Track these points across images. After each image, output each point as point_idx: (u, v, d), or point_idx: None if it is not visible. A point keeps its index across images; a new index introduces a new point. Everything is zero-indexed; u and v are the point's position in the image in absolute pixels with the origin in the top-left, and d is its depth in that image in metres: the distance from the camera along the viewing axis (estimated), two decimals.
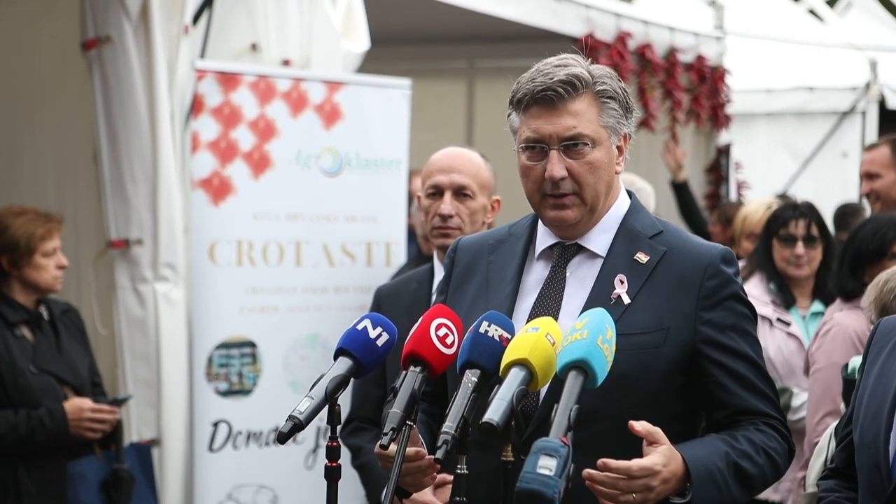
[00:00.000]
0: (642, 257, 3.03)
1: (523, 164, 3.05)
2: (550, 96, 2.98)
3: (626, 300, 2.98)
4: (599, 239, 3.08)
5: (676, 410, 3.01)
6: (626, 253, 3.05)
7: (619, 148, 3.07)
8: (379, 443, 2.62)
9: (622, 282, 3.01)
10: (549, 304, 3.05)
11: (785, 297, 5.76)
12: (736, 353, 3.00)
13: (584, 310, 2.96)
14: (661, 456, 2.75)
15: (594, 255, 3.08)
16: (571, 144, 2.99)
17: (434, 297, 3.30)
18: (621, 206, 3.13)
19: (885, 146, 6.57)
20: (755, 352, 3.04)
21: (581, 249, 3.09)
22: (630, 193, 3.18)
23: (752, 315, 3.06)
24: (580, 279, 3.06)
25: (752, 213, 6.79)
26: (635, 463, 2.69)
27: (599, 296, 3.00)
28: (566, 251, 3.10)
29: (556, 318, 2.95)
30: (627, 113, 3.08)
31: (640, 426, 2.74)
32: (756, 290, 5.68)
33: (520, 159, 3.06)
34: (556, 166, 2.98)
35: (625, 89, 3.08)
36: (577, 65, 3.04)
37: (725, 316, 3.00)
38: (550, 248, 3.12)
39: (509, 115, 3.08)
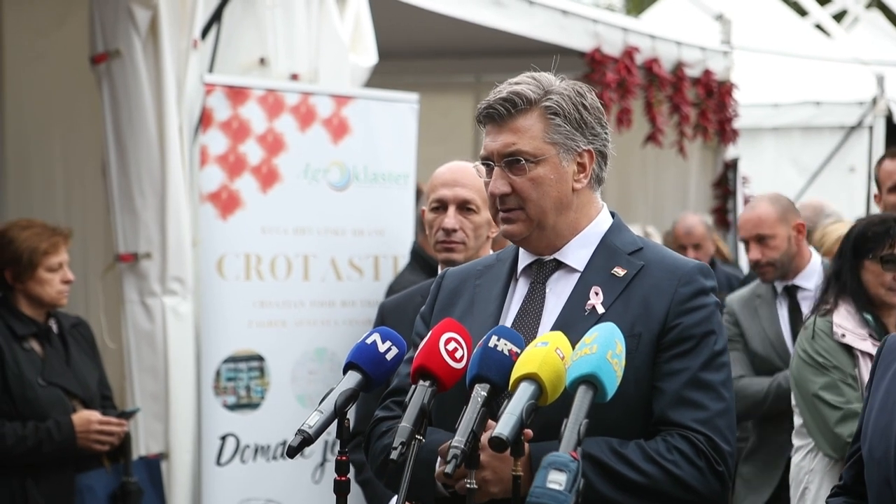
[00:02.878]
0: (619, 271, 3.05)
1: (483, 180, 3.13)
2: (492, 114, 3.05)
3: (601, 310, 2.99)
4: (578, 254, 3.10)
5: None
6: (604, 267, 3.07)
7: (579, 164, 3.07)
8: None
9: (597, 293, 3.02)
10: (528, 319, 3.06)
11: (880, 329, 4.84)
12: (680, 364, 2.97)
13: (557, 321, 3.00)
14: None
15: (573, 270, 3.10)
16: (513, 161, 3.03)
17: (416, 321, 3.29)
18: (602, 223, 3.15)
19: None
20: (707, 367, 2.98)
21: (560, 265, 3.11)
22: (613, 213, 3.19)
23: (715, 330, 3.02)
24: (559, 293, 3.08)
25: (831, 232, 6.15)
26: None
27: (574, 307, 3.02)
28: (544, 267, 3.12)
29: (535, 333, 2.97)
30: (583, 129, 3.06)
31: None
32: (849, 323, 4.83)
33: (481, 175, 3.14)
34: (497, 182, 3.05)
35: (583, 105, 3.06)
36: (529, 82, 3.06)
37: (690, 325, 2.99)
38: (530, 265, 3.14)
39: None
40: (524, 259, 3.15)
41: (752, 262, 5.88)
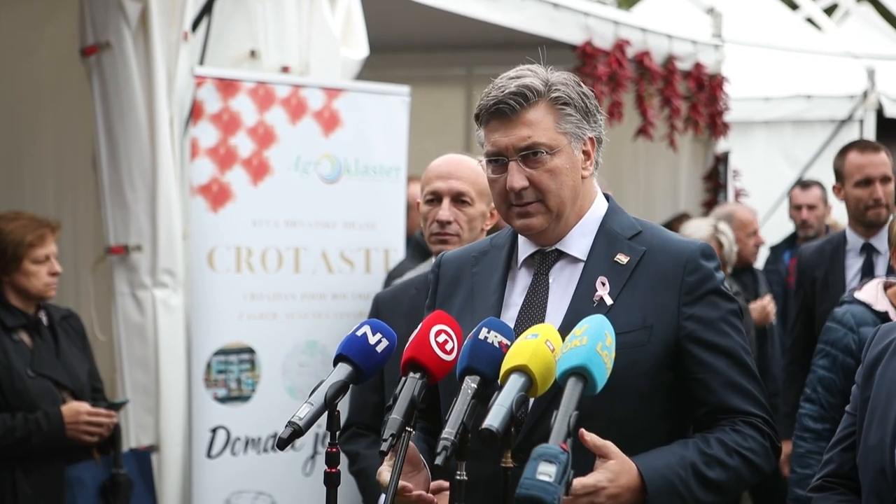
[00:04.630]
0: (622, 258, 3.06)
1: (488, 177, 3.10)
2: (503, 109, 3.02)
3: (609, 301, 3.00)
4: (579, 243, 3.11)
5: (667, 408, 3.03)
6: (607, 255, 3.07)
7: (585, 153, 3.09)
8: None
9: (604, 284, 3.03)
10: (533, 311, 3.07)
11: None
12: (717, 350, 3.01)
13: (567, 314, 3.00)
14: (606, 472, 2.75)
15: (575, 260, 3.10)
16: (529, 154, 3.02)
17: (424, 313, 3.30)
18: (599, 208, 3.16)
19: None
20: (739, 346, 3.04)
21: (562, 255, 3.11)
22: (607, 196, 3.20)
23: (736, 309, 3.07)
24: (563, 284, 3.08)
25: None
26: (578, 482, 2.67)
27: (582, 299, 3.02)
28: (547, 258, 3.12)
29: None
30: (588, 117, 3.09)
31: (589, 438, 2.73)
32: None
33: (486, 172, 3.11)
34: (515, 177, 3.03)
35: (584, 93, 3.09)
36: (531, 75, 3.06)
37: (708, 311, 3.02)
38: (532, 256, 3.14)
39: (477, 130, 3.12)
40: (525, 248, 3.15)
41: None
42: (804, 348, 6.20)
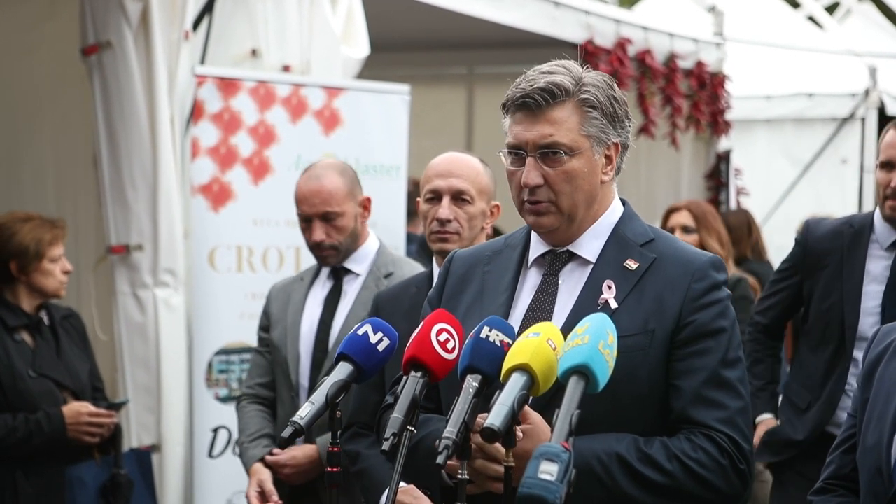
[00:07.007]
0: (631, 264, 3.03)
1: (507, 168, 3.07)
2: (529, 103, 2.99)
3: (614, 305, 2.97)
4: (590, 245, 3.08)
5: (668, 413, 3.01)
6: (616, 260, 3.04)
7: (607, 157, 3.05)
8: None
9: (610, 287, 3.00)
10: (540, 310, 3.05)
11: None
12: (698, 361, 2.96)
13: (571, 315, 2.97)
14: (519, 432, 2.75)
15: (585, 262, 3.08)
16: (548, 152, 2.98)
17: (424, 306, 3.28)
18: (614, 213, 3.13)
19: None
20: (723, 362, 2.98)
21: (573, 256, 3.09)
22: (623, 201, 3.18)
23: (731, 324, 3.02)
24: (571, 286, 3.06)
25: None
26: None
27: (587, 301, 3.00)
28: (557, 258, 3.10)
29: None
30: (615, 122, 3.04)
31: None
32: None
33: (505, 163, 3.08)
34: (531, 174, 2.99)
35: (615, 98, 3.05)
36: (563, 72, 3.03)
37: (705, 322, 2.98)
38: (543, 255, 3.12)
39: (503, 118, 3.09)
40: (536, 248, 3.12)
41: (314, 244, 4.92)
42: (774, 334, 5.40)
